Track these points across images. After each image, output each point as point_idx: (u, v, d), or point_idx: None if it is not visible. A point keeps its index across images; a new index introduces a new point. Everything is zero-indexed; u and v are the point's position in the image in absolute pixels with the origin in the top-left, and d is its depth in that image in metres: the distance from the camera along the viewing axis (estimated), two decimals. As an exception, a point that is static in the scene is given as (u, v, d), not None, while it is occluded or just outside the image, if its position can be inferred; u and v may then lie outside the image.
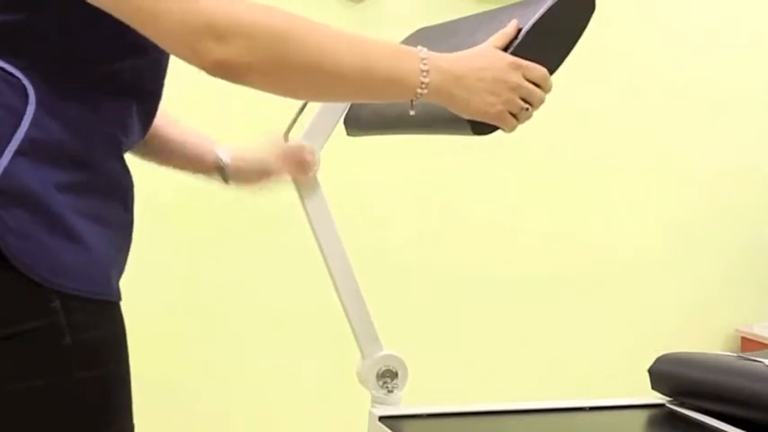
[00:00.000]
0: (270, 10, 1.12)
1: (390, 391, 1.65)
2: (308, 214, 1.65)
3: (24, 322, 1.12)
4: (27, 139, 1.14)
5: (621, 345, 3.11)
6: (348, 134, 1.62)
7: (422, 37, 1.51)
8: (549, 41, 1.22)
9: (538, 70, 1.21)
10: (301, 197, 1.65)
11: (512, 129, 1.25)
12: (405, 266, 2.88)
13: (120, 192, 1.24)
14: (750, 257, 3.34)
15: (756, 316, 3.31)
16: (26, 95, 1.14)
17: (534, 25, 1.21)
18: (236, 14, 1.09)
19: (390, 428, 1.56)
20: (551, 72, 1.23)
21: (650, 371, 1.82)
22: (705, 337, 3.24)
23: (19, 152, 1.13)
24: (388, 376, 1.67)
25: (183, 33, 1.09)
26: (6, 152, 1.13)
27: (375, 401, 1.66)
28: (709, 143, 3.26)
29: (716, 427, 1.63)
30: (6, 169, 1.12)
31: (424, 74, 1.15)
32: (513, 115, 1.23)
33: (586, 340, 3.11)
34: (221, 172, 1.57)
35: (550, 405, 1.74)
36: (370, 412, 1.64)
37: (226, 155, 1.56)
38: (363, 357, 1.67)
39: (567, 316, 3.11)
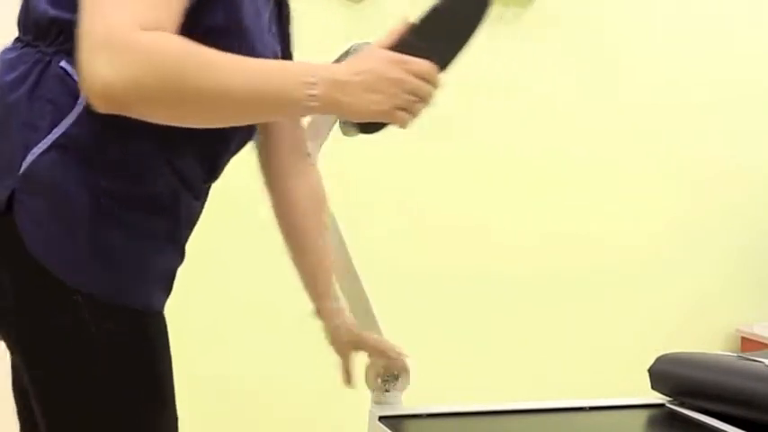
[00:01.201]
0: (164, 39, 1.11)
1: (387, 391, 1.66)
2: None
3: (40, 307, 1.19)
4: (66, 135, 1.18)
5: (621, 345, 3.11)
6: (343, 134, 1.63)
7: None
8: (438, 38, 1.22)
9: (420, 65, 1.21)
10: None
11: (404, 124, 1.24)
12: (404, 267, 2.88)
13: (169, 209, 1.28)
14: (750, 257, 3.34)
15: (756, 316, 3.31)
16: (77, 97, 1.18)
17: (420, 23, 1.22)
18: (122, 38, 1.08)
19: (390, 428, 1.56)
20: (442, 67, 1.23)
21: (650, 371, 1.82)
22: (705, 337, 3.24)
23: (55, 145, 1.18)
24: (389, 376, 1.67)
25: (83, 47, 1.10)
26: (42, 143, 1.18)
27: (375, 401, 1.67)
28: (709, 143, 3.26)
29: (716, 427, 1.63)
30: (38, 159, 1.17)
31: (311, 86, 1.16)
32: (405, 110, 1.23)
33: (586, 340, 3.11)
34: (319, 318, 1.67)
35: (550, 405, 1.75)
36: (370, 412, 1.64)
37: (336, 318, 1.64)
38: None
39: (567, 316, 3.11)
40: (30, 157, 1.18)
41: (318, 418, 2.81)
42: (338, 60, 1.62)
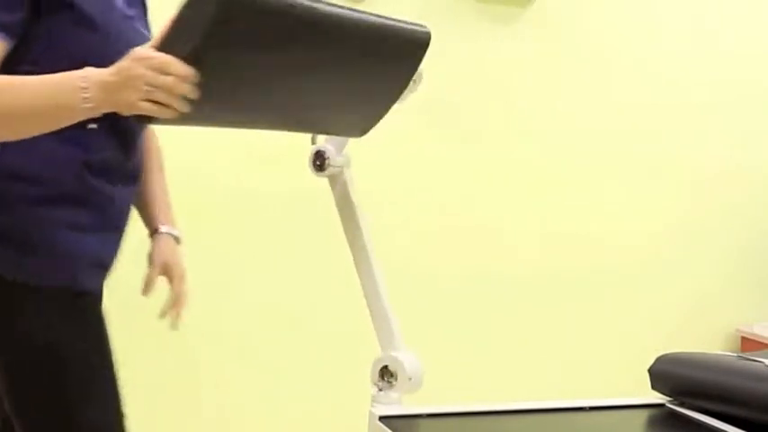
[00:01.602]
0: None
1: (381, 390, 1.66)
2: (339, 211, 1.73)
3: None
4: None
5: (621, 345, 3.11)
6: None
7: None
8: (182, 35, 1.30)
9: (155, 59, 1.29)
10: (335, 195, 1.72)
11: (156, 113, 1.32)
12: (403, 268, 2.88)
13: (93, 200, 1.53)
14: (750, 257, 3.34)
15: (756, 316, 3.31)
16: None
17: (170, 24, 1.31)
18: None
19: (390, 428, 1.56)
20: (190, 59, 1.29)
21: (650, 371, 1.82)
22: (705, 337, 3.24)
23: None
24: (389, 375, 1.67)
25: None
26: None
27: (375, 401, 1.67)
28: (710, 143, 3.27)
29: (716, 427, 1.63)
30: None
31: (84, 90, 1.33)
32: (151, 101, 1.32)
33: (586, 340, 3.11)
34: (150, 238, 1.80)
35: (550, 405, 1.74)
36: (371, 412, 1.64)
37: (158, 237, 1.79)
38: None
39: (568, 316, 3.11)
40: None
41: (318, 418, 2.81)
42: None
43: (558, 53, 3.06)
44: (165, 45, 1.29)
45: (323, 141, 1.74)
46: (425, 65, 1.56)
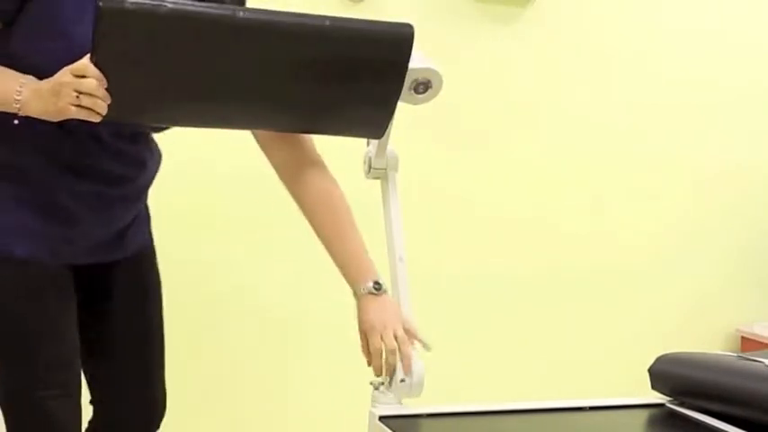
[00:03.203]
0: None
1: (376, 388, 1.66)
2: (385, 209, 1.80)
3: None
4: None
5: (621, 345, 3.11)
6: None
7: None
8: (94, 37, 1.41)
9: (77, 65, 1.41)
10: (383, 192, 1.80)
11: (83, 116, 1.43)
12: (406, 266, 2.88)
13: (10, 171, 1.61)
14: (750, 257, 3.34)
15: (756, 316, 3.31)
16: None
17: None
18: None
19: (390, 428, 1.56)
20: (96, 60, 1.40)
21: (650, 371, 1.82)
22: (705, 337, 3.24)
23: None
24: (390, 375, 1.67)
25: None
26: None
27: (375, 401, 1.66)
28: (710, 143, 3.26)
29: (716, 427, 1.63)
30: None
31: (18, 93, 1.49)
32: (77, 105, 1.43)
33: (587, 340, 3.11)
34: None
35: (550, 405, 1.74)
36: (371, 412, 1.64)
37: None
38: None
39: (568, 316, 3.11)
40: None
41: (318, 418, 2.81)
42: None
43: (558, 53, 3.06)
44: (94, 54, 1.41)
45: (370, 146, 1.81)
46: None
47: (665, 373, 1.80)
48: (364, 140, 1.82)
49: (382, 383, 1.66)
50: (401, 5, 2.79)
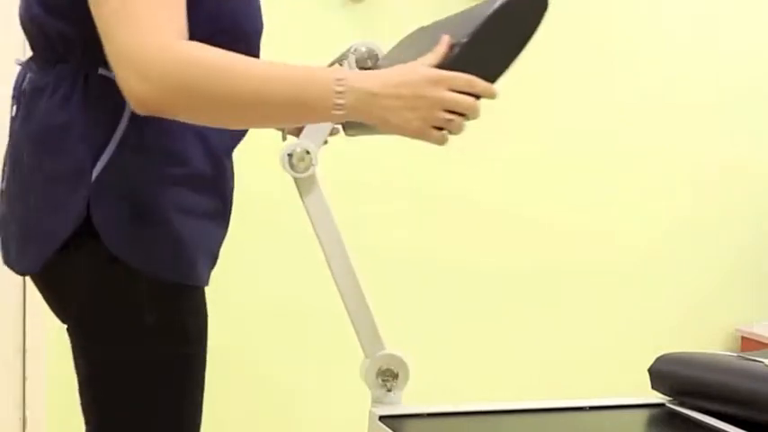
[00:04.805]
0: (199, 50, 1.16)
1: (389, 390, 1.65)
2: (308, 212, 1.67)
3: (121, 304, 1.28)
4: (124, 136, 1.26)
5: (621, 344, 3.11)
6: (346, 134, 1.63)
7: (418, 36, 1.52)
8: (491, 49, 1.24)
9: (460, 79, 1.21)
10: (301, 195, 1.66)
11: (440, 142, 1.24)
12: (401, 265, 2.88)
13: (216, 185, 1.39)
14: (750, 257, 3.34)
15: (756, 316, 3.31)
16: (123, 100, 1.20)
17: (469, 40, 1.22)
18: (155, 53, 1.14)
19: (390, 428, 1.56)
20: (497, 75, 1.25)
21: (650, 371, 1.82)
22: (705, 337, 3.24)
23: (118, 148, 1.25)
24: (389, 375, 1.67)
25: (119, 65, 1.16)
26: (107, 149, 1.25)
27: (375, 401, 1.67)
28: (710, 142, 3.26)
29: (716, 427, 1.63)
30: (107, 164, 1.25)
31: (339, 95, 1.17)
32: (440, 128, 1.23)
33: (587, 340, 3.11)
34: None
35: (550, 405, 1.74)
36: (371, 412, 1.64)
37: None
38: (365, 356, 1.68)
39: (568, 315, 3.11)
40: (99, 165, 1.25)
41: (318, 418, 2.81)
42: (338, 60, 1.63)
43: (558, 52, 3.06)
44: (461, 63, 1.19)
45: (294, 141, 1.63)
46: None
47: (664, 373, 1.80)
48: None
49: (390, 380, 1.66)
50: (401, 5, 2.79)
